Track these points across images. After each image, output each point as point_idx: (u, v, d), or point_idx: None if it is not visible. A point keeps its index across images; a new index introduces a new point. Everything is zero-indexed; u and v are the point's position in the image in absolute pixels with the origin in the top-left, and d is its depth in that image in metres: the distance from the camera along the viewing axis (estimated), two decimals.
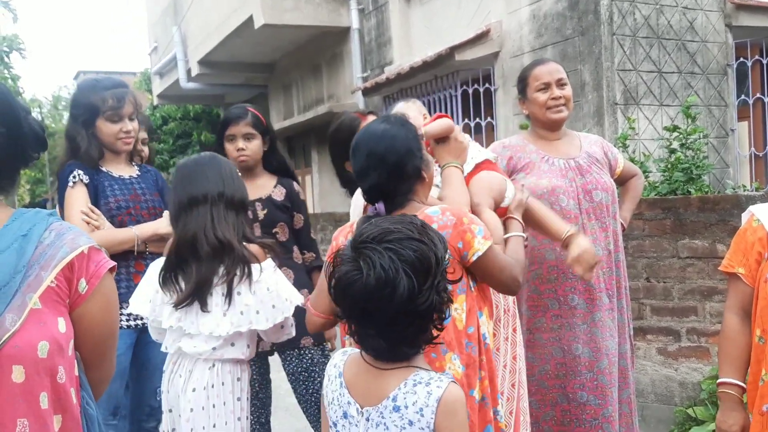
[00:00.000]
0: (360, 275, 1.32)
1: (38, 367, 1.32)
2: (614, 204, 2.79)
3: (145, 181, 2.91)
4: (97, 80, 2.82)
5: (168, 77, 12.77)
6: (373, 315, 1.33)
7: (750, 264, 1.96)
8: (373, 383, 1.40)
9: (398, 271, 1.30)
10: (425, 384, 1.36)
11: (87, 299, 1.42)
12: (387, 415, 1.36)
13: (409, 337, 1.37)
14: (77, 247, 1.41)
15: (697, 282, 3.71)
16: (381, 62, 8.19)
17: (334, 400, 1.44)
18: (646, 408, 3.79)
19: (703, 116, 5.50)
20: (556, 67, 2.76)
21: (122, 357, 2.72)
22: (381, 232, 1.36)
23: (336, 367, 1.47)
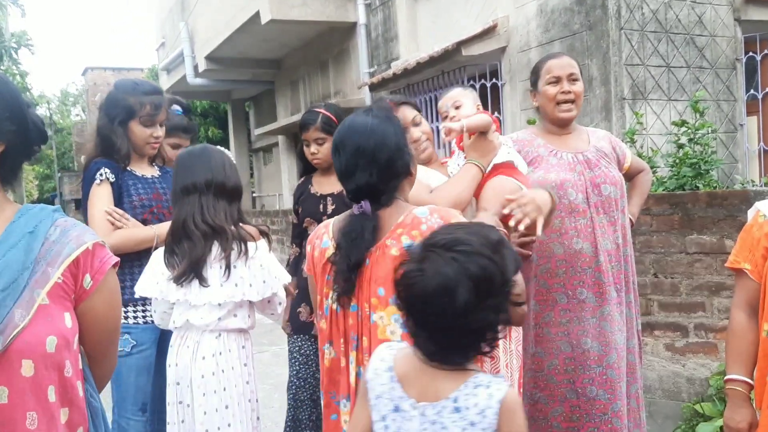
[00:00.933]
0: (421, 277, 1.32)
1: (46, 361, 1.34)
2: (623, 198, 2.78)
3: (166, 181, 3.00)
4: (137, 83, 2.89)
5: (175, 73, 12.80)
6: (427, 318, 1.34)
7: (756, 260, 1.95)
8: (430, 382, 1.40)
9: (458, 283, 1.29)
10: (485, 386, 1.37)
11: (91, 294, 1.44)
12: (446, 414, 1.37)
13: (460, 348, 1.37)
14: (82, 244, 1.43)
15: (705, 277, 3.70)
16: (388, 57, 8.18)
17: (384, 394, 1.44)
18: (654, 404, 3.78)
19: (712, 111, 5.47)
20: (569, 62, 2.75)
21: (148, 352, 2.81)
22: (452, 240, 1.35)
23: (384, 362, 1.46)
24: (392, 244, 1.78)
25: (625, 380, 2.73)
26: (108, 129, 2.80)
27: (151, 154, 2.94)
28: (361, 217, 1.81)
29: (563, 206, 2.60)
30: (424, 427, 1.39)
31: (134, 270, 2.79)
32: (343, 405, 1.84)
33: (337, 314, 1.85)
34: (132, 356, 2.78)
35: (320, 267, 1.89)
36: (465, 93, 2.45)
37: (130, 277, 2.80)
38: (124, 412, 2.79)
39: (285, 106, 11.50)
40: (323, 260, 1.87)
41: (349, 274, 1.79)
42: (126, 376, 2.77)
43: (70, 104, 50.77)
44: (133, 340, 2.78)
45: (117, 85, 2.90)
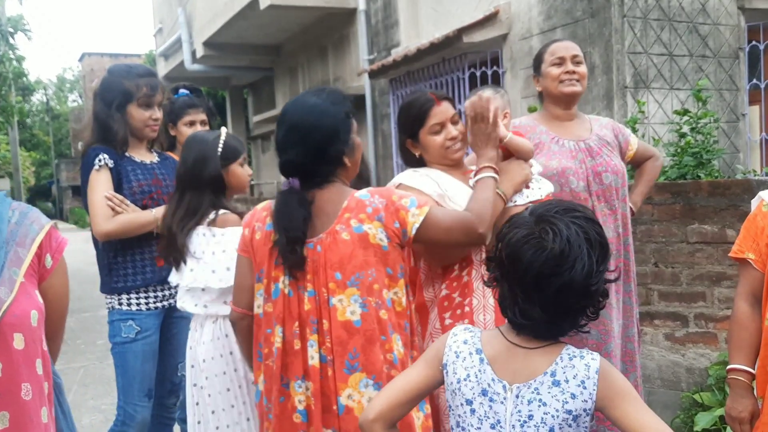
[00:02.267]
0: (545, 241, 1.32)
1: (33, 334, 1.43)
2: (624, 187, 2.76)
3: (165, 167, 2.99)
4: (130, 66, 2.90)
5: (173, 59, 12.74)
6: (545, 283, 1.32)
7: (760, 249, 1.95)
8: (522, 362, 1.40)
9: (582, 246, 1.31)
10: (580, 357, 1.38)
11: (52, 273, 1.55)
12: (545, 390, 1.37)
13: (572, 314, 1.37)
14: (42, 226, 1.54)
15: (706, 267, 3.68)
16: (388, 44, 8.13)
17: (470, 377, 1.42)
18: (653, 393, 3.78)
19: (714, 100, 5.44)
20: (573, 45, 2.76)
21: (152, 338, 2.84)
22: (566, 208, 1.37)
23: (468, 344, 1.45)
24: (342, 228, 1.84)
25: (619, 368, 2.72)
26: (105, 114, 2.79)
27: (151, 137, 2.92)
28: (288, 192, 1.87)
29: (564, 194, 2.59)
30: (518, 409, 1.38)
31: (135, 257, 2.79)
32: (296, 386, 1.86)
33: (289, 298, 1.88)
34: (137, 342, 2.78)
35: (266, 250, 1.91)
36: (496, 98, 2.32)
37: (132, 264, 2.79)
38: (131, 399, 2.79)
39: (284, 93, 11.44)
40: (269, 244, 1.90)
41: (292, 247, 1.84)
42: (132, 363, 2.78)
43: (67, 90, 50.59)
44: (138, 326, 2.78)
45: (111, 70, 2.89)
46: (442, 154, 2.29)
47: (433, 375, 1.48)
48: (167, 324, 2.93)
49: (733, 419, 1.99)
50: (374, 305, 1.84)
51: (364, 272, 1.84)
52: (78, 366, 6.08)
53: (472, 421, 1.42)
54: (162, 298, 2.86)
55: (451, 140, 2.27)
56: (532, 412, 1.37)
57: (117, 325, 2.78)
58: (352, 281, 1.84)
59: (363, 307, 1.83)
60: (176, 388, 3.05)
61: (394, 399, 1.47)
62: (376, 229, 1.85)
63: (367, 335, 1.83)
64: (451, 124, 2.28)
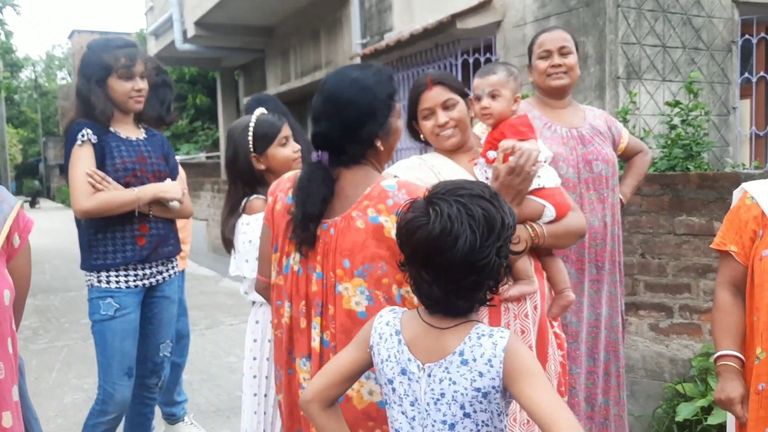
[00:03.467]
0: (426, 222, 1.35)
1: (4, 313, 1.41)
2: (614, 177, 2.77)
3: (152, 144, 2.94)
4: (108, 39, 2.86)
5: (164, 38, 12.60)
6: (432, 262, 1.36)
7: (744, 242, 1.95)
8: (435, 342, 1.43)
9: (463, 223, 1.33)
10: (488, 336, 1.41)
11: (19, 253, 1.54)
12: (454, 369, 1.41)
13: (464, 291, 1.39)
14: (12, 206, 1.52)
15: (692, 259, 3.70)
16: (381, 29, 8.07)
17: (391, 357, 1.46)
18: (636, 383, 3.80)
19: (706, 93, 5.44)
20: (561, 35, 2.72)
21: (131, 315, 2.82)
22: (454, 187, 1.40)
23: (390, 326, 1.49)
24: (358, 216, 1.76)
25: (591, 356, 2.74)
26: (87, 89, 2.75)
27: (136, 109, 2.86)
28: (316, 166, 1.78)
29: None
30: (431, 388, 1.42)
31: (116, 235, 2.76)
32: (302, 364, 1.85)
33: (298, 276, 1.84)
34: (115, 320, 2.75)
35: (283, 222, 1.85)
36: (507, 82, 2.21)
37: (112, 242, 2.75)
38: (110, 377, 2.77)
39: (275, 75, 11.36)
40: (287, 217, 1.84)
41: (306, 223, 1.77)
42: (111, 341, 2.75)
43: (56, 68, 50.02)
44: (116, 304, 2.75)
45: (90, 45, 2.85)
46: (433, 140, 2.24)
47: (363, 356, 1.52)
48: (148, 303, 2.91)
49: (723, 402, 1.94)
50: (382, 299, 1.76)
51: (374, 264, 1.75)
52: (62, 345, 6.05)
53: (395, 399, 1.48)
54: (142, 276, 2.83)
55: (440, 127, 2.20)
56: (443, 390, 1.41)
57: (96, 303, 2.76)
58: (360, 271, 1.76)
59: (369, 300, 1.76)
60: (158, 368, 3.03)
61: (327, 380, 1.52)
62: (392, 223, 1.73)
63: None
64: (443, 109, 2.19)
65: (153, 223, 2.83)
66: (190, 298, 7.98)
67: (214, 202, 10.47)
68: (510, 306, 2.10)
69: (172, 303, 3.01)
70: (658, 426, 3.54)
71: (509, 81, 2.19)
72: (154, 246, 2.83)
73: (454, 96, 2.21)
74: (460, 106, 2.21)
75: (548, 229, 2.14)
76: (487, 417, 1.42)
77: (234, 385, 4.76)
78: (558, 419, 1.31)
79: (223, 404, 4.46)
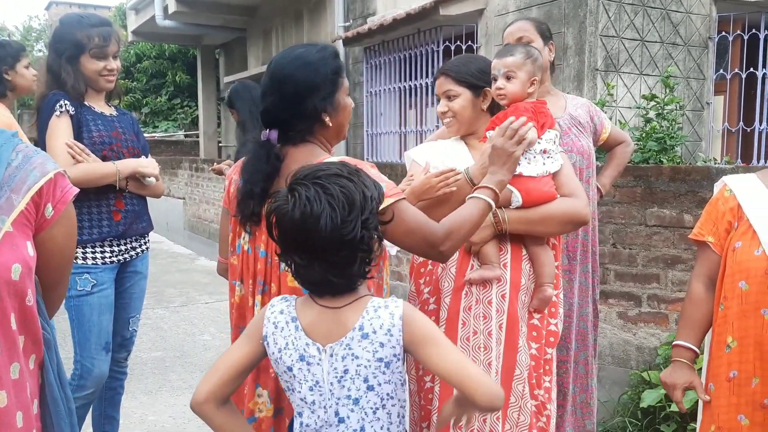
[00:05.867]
0: (286, 207, 1.40)
1: (10, 288, 1.33)
2: (589, 168, 2.80)
3: (124, 122, 2.95)
4: (82, 16, 2.82)
5: (144, 13, 12.40)
6: (302, 245, 1.41)
7: (720, 233, 1.99)
8: (333, 322, 1.47)
9: (321, 202, 1.38)
10: (384, 307, 1.47)
11: (52, 224, 1.43)
12: (355, 344, 1.45)
13: (338, 267, 1.43)
14: (46, 172, 1.41)
15: (662, 250, 3.78)
16: (364, 12, 8.05)
17: (288, 345, 1.48)
18: (603, 369, 3.89)
19: (681, 88, 5.53)
20: (519, 26, 2.74)
21: (107, 291, 2.83)
22: (313, 170, 1.45)
23: (285, 314, 1.51)
24: None
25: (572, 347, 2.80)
26: (57, 65, 2.73)
27: (107, 88, 2.86)
28: (261, 145, 1.83)
29: None
30: (334, 367, 1.46)
31: (92, 210, 2.76)
32: None
33: (248, 255, 1.90)
34: (93, 295, 2.76)
35: (235, 203, 1.91)
36: (523, 64, 2.14)
37: (88, 217, 2.76)
38: (88, 352, 2.78)
39: (256, 55, 11.26)
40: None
41: (248, 201, 1.81)
42: (88, 316, 2.76)
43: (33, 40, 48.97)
44: (93, 280, 2.76)
45: (62, 20, 2.82)
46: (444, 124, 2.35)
47: (255, 349, 1.53)
48: (120, 278, 2.91)
49: (667, 386, 2.05)
50: None
51: None
52: None
53: (295, 385, 1.50)
54: (118, 252, 2.84)
55: (442, 115, 2.30)
56: (346, 367, 1.46)
57: (72, 279, 2.74)
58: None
59: None
60: (127, 342, 3.05)
61: (219, 379, 1.50)
62: None
63: None
64: (446, 99, 2.27)
65: (128, 199, 2.85)
66: (166, 276, 7.98)
67: (192, 181, 10.40)
68: (473, 290, 2.14)
69: (144, 278, 3.04)
70: (623, 412, 3.63)
71: (526, 63, 2.14)
72: (130, 222, 2.85)
73: (455, 87, 2.26)
74: (462, 98, 2.25)
75: (517, 215, 2.12)
76: (391, 389, 1.49)
77: (207, 363, 4.78)
78: (467, 376, 1.39)
79: (196, 382, 4.47)
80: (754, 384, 1.85)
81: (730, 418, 1.89)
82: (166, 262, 8.99)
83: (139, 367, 4.73)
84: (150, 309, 6.30)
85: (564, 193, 2.20)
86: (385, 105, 7.64)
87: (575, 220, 2.22)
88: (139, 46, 16.77)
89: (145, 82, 17.42)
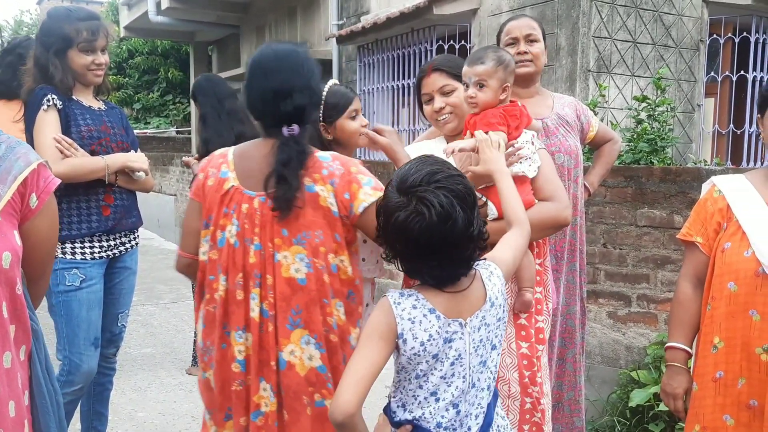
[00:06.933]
0: (422, 217, 1.42)
1: (1, 276, 1.34)
2: (577, 168, 2.80)
3: (112, 116, 2.93)
4: (71, 10, 2.79)
5: (137, 9, 12.36)
6: (436, 249, 1.45)
7: (708, 233, 1.99)
8: (465, 301, 1.54)
9: (454, 206, 1.43)
10: (489, 271, 1.60)
11: (37, 214, 1.45)
12: (487, 314, 1.56)
13: (466, 261, 1.52)
14: (30, 162, 1.42)
15: (652, 251, 3.80)
16: (358, 10, 8.05)
17: (433, 335, 1.50)
18: (592, 369, 3.91)
19: (672, 90, 5.56)
20: (528, 23, 2.72)
21: (96, 286, 2.81)
22: (427, 174, 1.47)
23: (418, 308, 1.51)
24: None
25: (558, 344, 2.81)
26: (44, 59, 2.70)
27: (95, 82, 2.84)
28: (290, 140, 1.88)
29: None
30: (472, 338, 1.54)
31: (81, 204, 2.75)
32: (237, 336, 1.89)
33: (234, 249, 1.88)
34: (82, 291, 2.75)
35: (218, 197, 1.91)
36: (494, 71, 2.11)
37: (77, 212, 2.74)
38: (77, 348, 2.76)
39: (249, 52, 11.24)
40: (221, 191, 1.91)
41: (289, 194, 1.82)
42: (77, 311, 2.74)
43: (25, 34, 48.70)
44: (82, 275, 2.74)
45: (50, 13, 2.79)
46: (434, 124, 2.32)
47: (391, 349, 1.52)
48: (109, 274, 2.90)
49: (667, 395, 2.07)
50: (319, 267, 1.85)
51: (311, 232, 1.84)
52: None
53: (436, 366, 1.52)
54: (107, 248, 2.83)
55: (437, 113, 2.26)
56: (481, 336, 1.56)
57: (60, 274, 2.73)
58: (298, 239, 1.84)
59: (308, 267, 1.84)
60: (116, 338, 3.04)
61: (366, 387, 1.46)
62: (327, 192, 1.84)
63: (311, 295, 1.85)
64: (441, 95, 2.25)
65: (118, 194, 2.83)
66: (157, 272, 7.95)
67: (183, 177, 10.37)
68: None
69: (133, 273, 3.02)
70: (612, 410, 3.65)
71: (497, 71, 2.11)
72: (119, 217, 2.83)
73: (452, 82, 2.25)
74: (459, 92, 2.23)
75: (496, 226, 1.98)
76: (499, 342, 1.62)
77: None
78: None
79: (186, 378, 4.47)
80: (741, 385, 1.87)
81: (715, 417, 1.91)
82: (156, 259, 8.96)
83: (129, 363, 4.71)
84: (140, 305, 6.28)
85: (542, 197, 2.17)
86: (378, 103, 7.65)
87: (555, 225, 2.19)
88: (131, 41, 16.71)
89: (138, 78, 17.35)
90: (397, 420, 1.56)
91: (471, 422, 1.57)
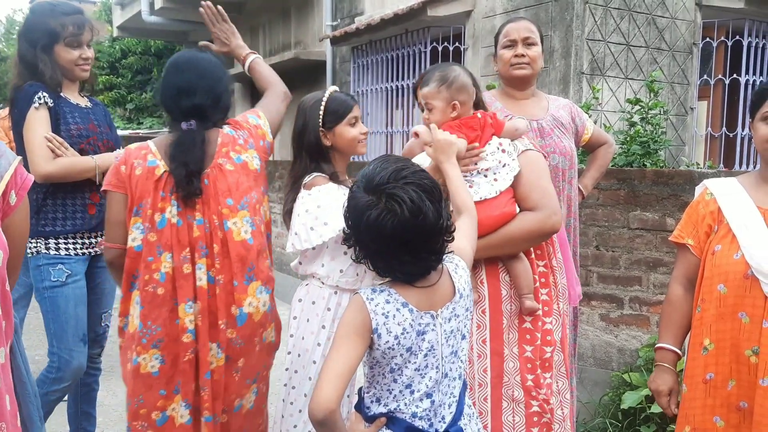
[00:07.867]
0: (394, 214, 1.45)
1: None
2: (571, 169, 2.81)
3: (98, 113, 2.93)
4: (54, 5, 2.77)
5: (130, 8, 12.31)
6: (408, 244, 1.49)
7: (699, 236, 2.01)
8: (436, 295, 1.59)
9: (423, 200, 1.47)
10: (455, 264, 1.66)
11: (15, 210, 1.49)
12: (456, 305, 1.62)
13: (436, 253, 1.56)
14: (11, 160, 1.47)
15: (644, 253, 3.81)
16: (352, 11, 8.04)
17: (407, 329, 1.53)
18: (584, 371, 3.91)
19: (665, 93, 5.58)
20: (526, 26, 2.73)
21: (81, 282, 2.83)
22: (394, 171, 1.51)
23: (392, 303, 1.53)
24: (224, 161, 2.19)
25: None
26: (31, 55, 2.68)
27: (82, 77, 2.83)
28: (191, 132, 2.16)
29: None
30: (443, 329, 1.59)
31: (67, 202, 2.75)
32: (187, 308, 2.09)
33: (178, 227, 2.10)
34: (67, 286, 2.74)
35: (150, 184, 2.13)
36: (437, 92, 2.14)
37: (62, 209, 2.74)
38: (65, 344, 2.75)
39: None
40: (153, 177, 2.13)
41: (189, 179, 2.10)
42: (64, 307, 2.73)
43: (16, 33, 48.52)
44: (68, 270, 2.74)
45: (34, 9, 2.77)
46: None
47: (365, 344, 1.54)
48: (91, 274, 2.89)
49: (654, 392, 2.11)
50: (258, 222, 2.18)
51: (249, 195, 2.17)
52: None
53: (410, 359, 1.55)
54: (90, 245, 2.83)
55: (426, 120, 2.28)
56: (452, 327, 1.61)
57: (45, 270, 2.72)
58: (242, 205, 2.14)
59: (252, 225, 2.15)
60: (100, 338, 3.05)
61: (344, 383, 1.47)
62: (252, 156, 2.24)
63: (259, 249, 2.17)
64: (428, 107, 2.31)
65: None
66: None
67: None
68: None
69: None
70: (603, 413, 3.65)
71: (441, 91, 2.14)
72: (103, 216, 2.83)
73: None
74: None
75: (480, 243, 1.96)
76: (468, 332, 1.69)
77: None
78: None
79: None
80: (731, 386, 1.87)
81: (705, 419, 1.92)
82: None
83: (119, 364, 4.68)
84: None
85: (528, 207, 2.12)
86: (372, 105, 7.64)
87: (540, 235, 2.15)
88: (124, 41, 16.64)
89: (130, 78, 17.28)
90: (371, 414, 1.58)
91: (445, 411, 1.62)
